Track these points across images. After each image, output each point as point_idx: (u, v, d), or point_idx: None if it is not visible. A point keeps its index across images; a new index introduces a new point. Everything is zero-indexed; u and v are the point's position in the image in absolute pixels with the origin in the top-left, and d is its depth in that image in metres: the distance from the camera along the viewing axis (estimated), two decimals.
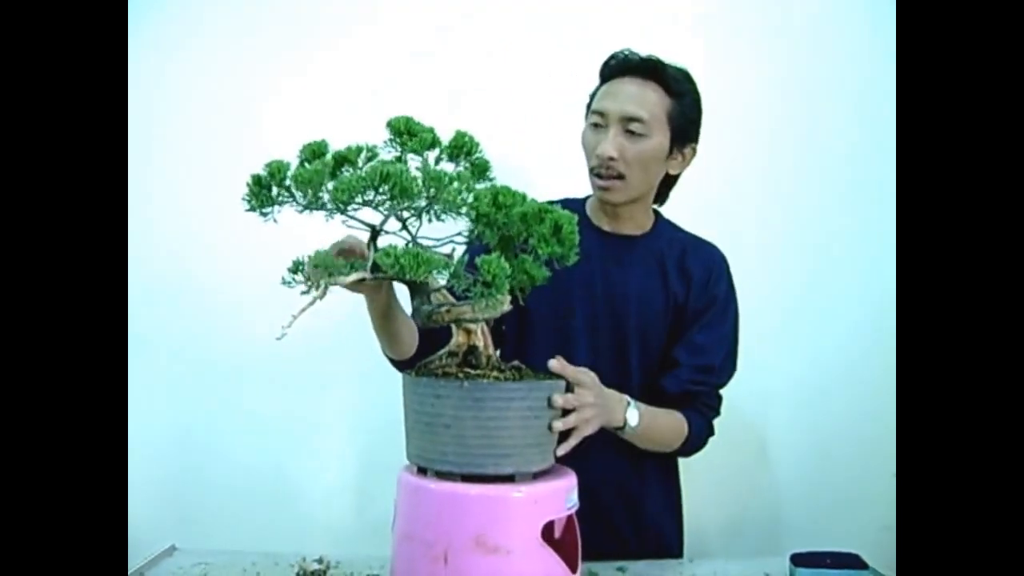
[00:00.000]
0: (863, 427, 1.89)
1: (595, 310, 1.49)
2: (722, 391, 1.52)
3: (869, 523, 1.71)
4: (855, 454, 1.91)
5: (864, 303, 1.92)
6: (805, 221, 1.96)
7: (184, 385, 1.94)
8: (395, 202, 0.94)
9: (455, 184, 0.96)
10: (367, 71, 1.94)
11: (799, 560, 1.35)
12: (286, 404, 1.94)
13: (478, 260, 1.07)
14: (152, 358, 1.87)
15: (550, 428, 1.14)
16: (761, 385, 1.58)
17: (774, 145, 1.95)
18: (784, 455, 1.98)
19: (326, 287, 0.98)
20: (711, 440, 1.51)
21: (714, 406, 1.50)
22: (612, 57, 1.47)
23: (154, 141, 1.90)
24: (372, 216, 1.09)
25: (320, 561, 1.37)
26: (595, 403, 1.23)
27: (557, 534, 1.20)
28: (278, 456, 1.95)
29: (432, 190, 0.94)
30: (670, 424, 1.43)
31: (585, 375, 1.24)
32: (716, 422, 1.51)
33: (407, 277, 0.95)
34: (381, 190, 0.92)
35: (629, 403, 1.33)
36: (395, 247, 0.97)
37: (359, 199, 0.94)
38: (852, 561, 1.35)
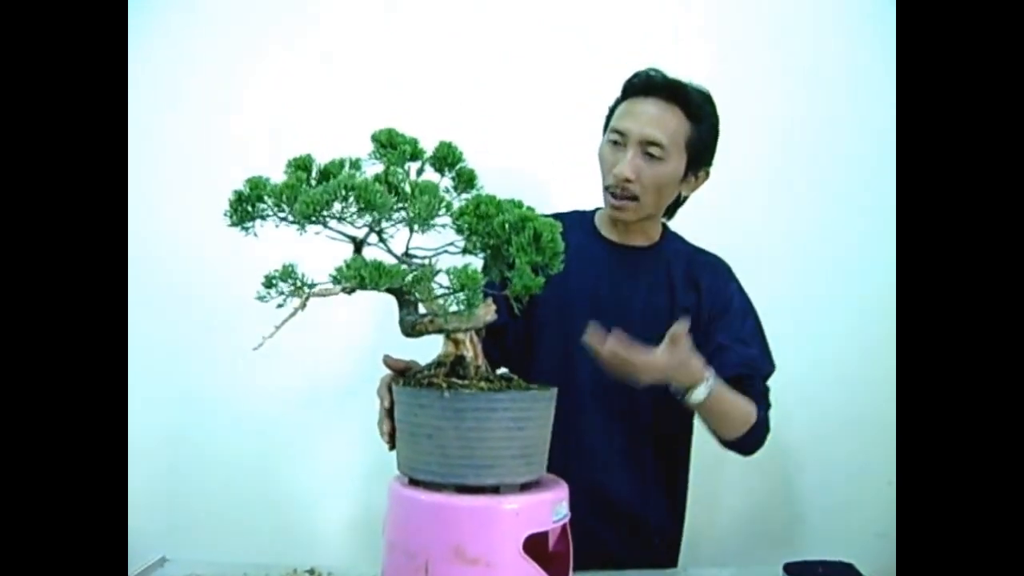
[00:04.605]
0: (858, 434, 1.87)
1: (601, 320, 1.47)
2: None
3: (864, 531, 1.71)
4: (850, 461, 1.90)
5: (862, 308, 1.91)
6: (801, 222, 1.96)
7: (176, 390, 1.94)
8: (364, 214, 0.95)
9: (425, 196, 0.96)
10: (372, 75, 1.94)
11: (792, 570, 1.34)
12: (281, 411, 1.94)
13: (447, 269, 1.07)
14: (146, 363, 1.86)
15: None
16: None
17: (773, 145, 1.94)
18: (778, 462, 1.96)
19: (306, 299, 0.98)
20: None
21: (765, 396, 1.48)
22: (636, 75, 1.47)
23: (155, 141, 1.90)
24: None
25: (311, 572, 1.37)
26: (667, 366, 1.28)
27: (551, 546, 1.19)
28: (274, 464, 1.95)
29: (402, 202, 0.94)
30: (741, 409, 1.42)
31: (680, 345, 1.28)
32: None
33: (368, 288, 0.96)
34: (347, 202, 0.93)
35: (707, 379, 1.33)
36: (357, 259, 0.98)
37: (325, 212, 0.95)
38: (845, 571, 1.33)
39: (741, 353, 1.46)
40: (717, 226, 1.67)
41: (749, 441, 1.46)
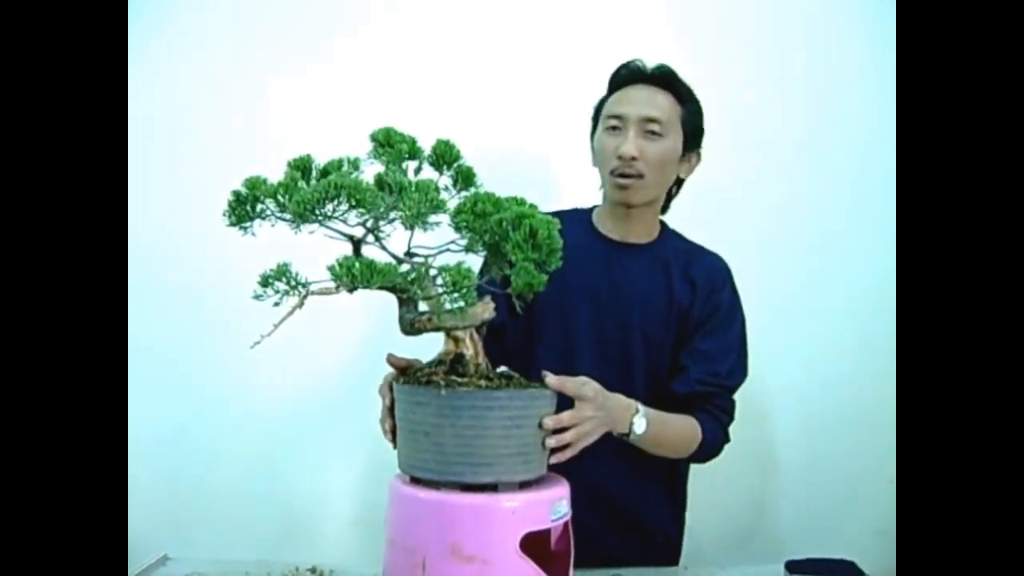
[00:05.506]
0: (858, 432, 1.87)
1: (601, 317, 1.50)
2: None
3: (864, 529, 1.70)
4: (851, 459, 1.90)
5: (862, 307, 1.91)
6: (801, 222, 1.95)
7: (176, 390, 1.93)
8: (355, 213, 0.95)
9: (417, 194, 0.97)
10: (372, 75, 1.94)
11: (794, 567, 1.34)
12: (283, 409, 1.94)
13: (439, 267, 1.07)
14: (147, 362, 1.85)
15: (543, 444, 1.14)
16: (756, 389, 1.57)
17: (773, 145, 1.94)
18: (779, 461, 1.96)
19: (304, 298, 0.98)
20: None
21: (727, 409, 1.49)
22: (624, 66, 1.52)
23: (155, 141, 1.89)
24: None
25: (313, 570, 1.38)
26: (594, 415, 1.22)
27: (553, 545, 1.19)
28: (275, 462, 1.95)
29: (391, 201, 0.95)
30: (682, 430, 1.42)
31: (586, 387, 1.23)
32: None
33: (360, 287, 0.96)
34: (339, 201, 0.93)
35: (637, 410, 1.32)
36: (350, 258, 0.98)
37: (319, 211, 0.95)
38: (847, 568, 1.34)
39: (705, 368, 1.46)
40: (717, 226, 1.67)
41: (699, 457, 1.48)
